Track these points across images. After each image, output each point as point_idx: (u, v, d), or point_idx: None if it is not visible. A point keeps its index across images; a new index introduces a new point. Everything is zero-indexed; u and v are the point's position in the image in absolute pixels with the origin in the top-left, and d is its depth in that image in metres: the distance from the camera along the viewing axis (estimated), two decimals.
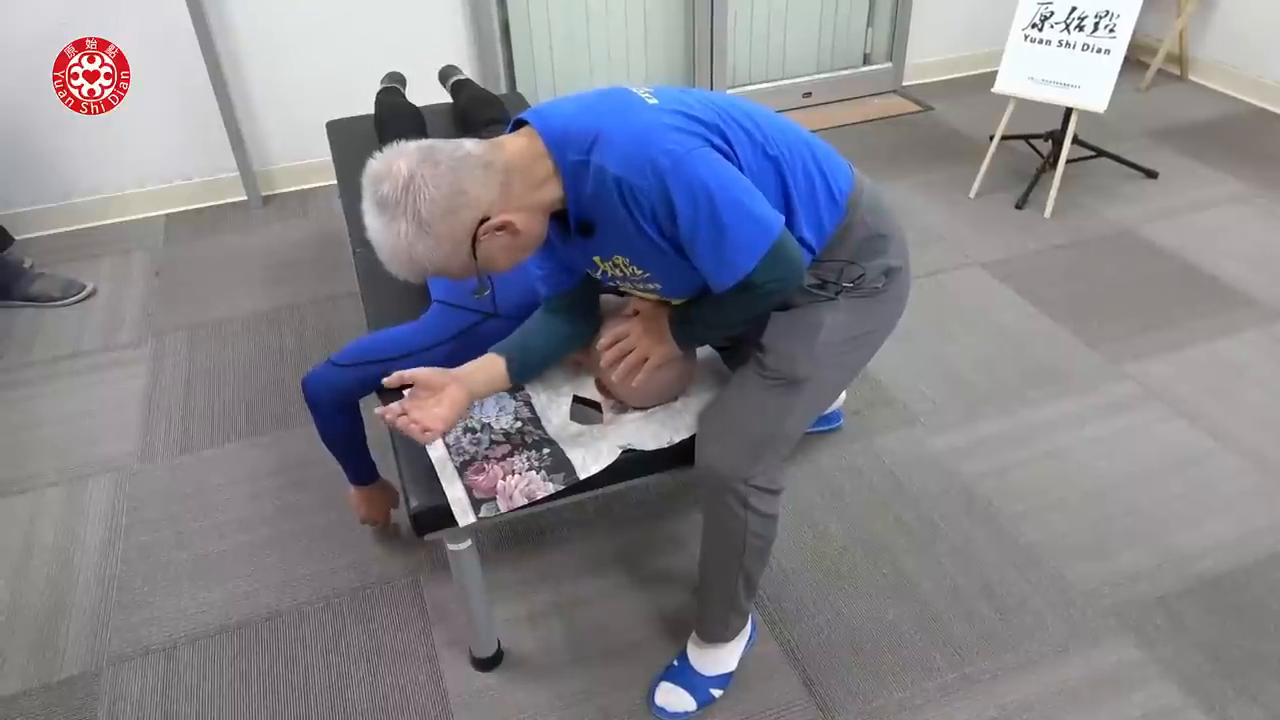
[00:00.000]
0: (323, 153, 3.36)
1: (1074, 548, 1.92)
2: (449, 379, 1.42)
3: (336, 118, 2.93)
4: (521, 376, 1.49)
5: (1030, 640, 1.74)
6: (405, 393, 1.45)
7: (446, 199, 1.18)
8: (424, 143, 1.22)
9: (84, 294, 2.94)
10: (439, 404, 1.40)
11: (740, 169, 1.28)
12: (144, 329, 2.78)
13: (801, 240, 1.37)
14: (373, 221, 1.21)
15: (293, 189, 3.55)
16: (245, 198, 3.46)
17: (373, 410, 1.71)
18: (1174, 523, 1.97)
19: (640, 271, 1.36)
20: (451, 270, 1.25)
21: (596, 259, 1.37)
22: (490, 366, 1.46)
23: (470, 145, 1.22)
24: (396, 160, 1.19)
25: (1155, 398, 2.31)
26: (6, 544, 2.05)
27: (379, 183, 1.19)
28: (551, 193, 1.27)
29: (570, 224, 1.33)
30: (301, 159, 3.50)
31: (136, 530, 2.07)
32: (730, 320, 1.41)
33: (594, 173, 1.24)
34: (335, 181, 2.87)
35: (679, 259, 1.31)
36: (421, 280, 1.27)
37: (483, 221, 1.22)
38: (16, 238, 2.98)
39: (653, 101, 1.28)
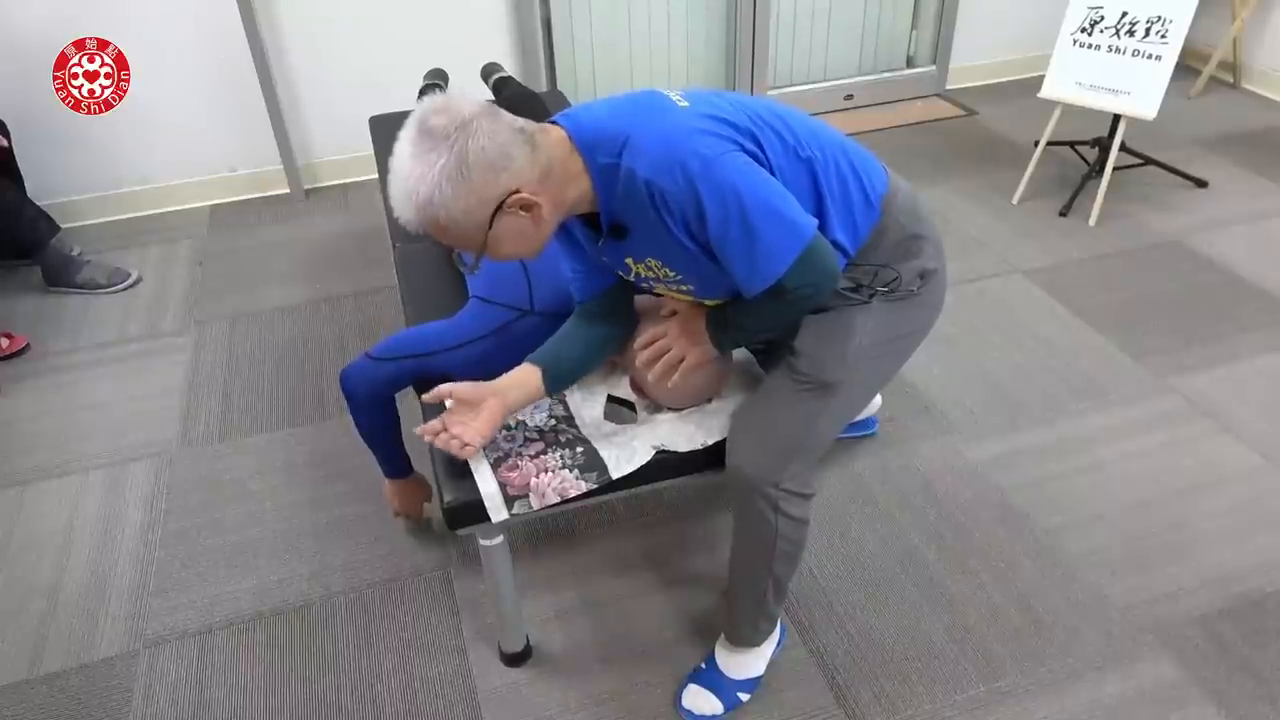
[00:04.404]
0: (364, 147, 3.38)
1: (1113, 562, 1.89)
2: (487, 393, 1.42)
3: (379, 113, 2.96)
4: (556, 387, 1.50)
5: (1065, 655, 1.71)
6: (447, 404, 1.46)
7: (494, 156, 1.17)
8: (488, 102, 1.22)
9: (129, 282, 3.00)
10: (477, 418, 1.41)
11: (771, 172, 1.27)
12: (187, 318, 2.83)
13: (835, 243, 1.35)
14: (406, 149, 1.18)
15: (335, 183, 3.59)
16: (288, 190, 3.50)
17: (411, 407, 1.74)
18: (1217, 540, 1.92)
19: (673, 274, 1.36)
20: (458, 228, 1.21)
21: (629, 260, 1.37)
22: (527, 378, 1.47)
23: (524, 122, 1.23)
24: (460, 102, 1.19)
25: (1201, 412, 2.26)
26: (50, 526, 2.09)
27: (434, 114, 1.17)
28: (579, 191, 1.27)
29: (603, 226, 1.33)
30: (344, 153, 3.54)
31: (175, 515, 2.10)
32: (766, 324, 1.40)
33: (624, 176, 1.24)
34: (376, 176, 2.90)
35: (710, 262, 1.30)
36: (419, 230, 1.22)
37: (514, 194, 1.21)
38: (66, 225, 3.05)
39: (683, 104, 1.27)
